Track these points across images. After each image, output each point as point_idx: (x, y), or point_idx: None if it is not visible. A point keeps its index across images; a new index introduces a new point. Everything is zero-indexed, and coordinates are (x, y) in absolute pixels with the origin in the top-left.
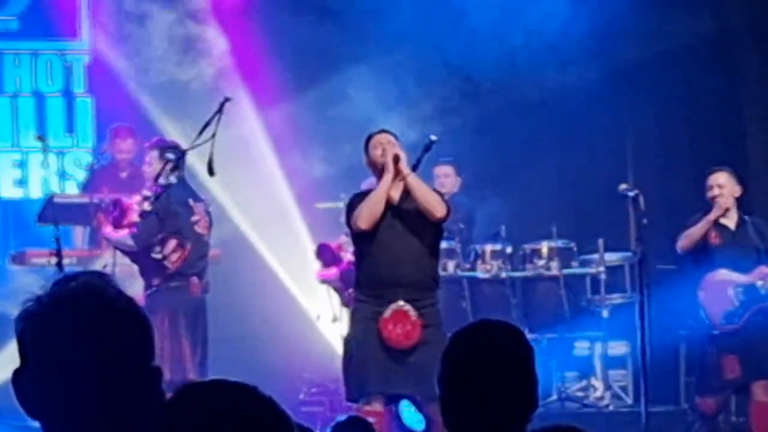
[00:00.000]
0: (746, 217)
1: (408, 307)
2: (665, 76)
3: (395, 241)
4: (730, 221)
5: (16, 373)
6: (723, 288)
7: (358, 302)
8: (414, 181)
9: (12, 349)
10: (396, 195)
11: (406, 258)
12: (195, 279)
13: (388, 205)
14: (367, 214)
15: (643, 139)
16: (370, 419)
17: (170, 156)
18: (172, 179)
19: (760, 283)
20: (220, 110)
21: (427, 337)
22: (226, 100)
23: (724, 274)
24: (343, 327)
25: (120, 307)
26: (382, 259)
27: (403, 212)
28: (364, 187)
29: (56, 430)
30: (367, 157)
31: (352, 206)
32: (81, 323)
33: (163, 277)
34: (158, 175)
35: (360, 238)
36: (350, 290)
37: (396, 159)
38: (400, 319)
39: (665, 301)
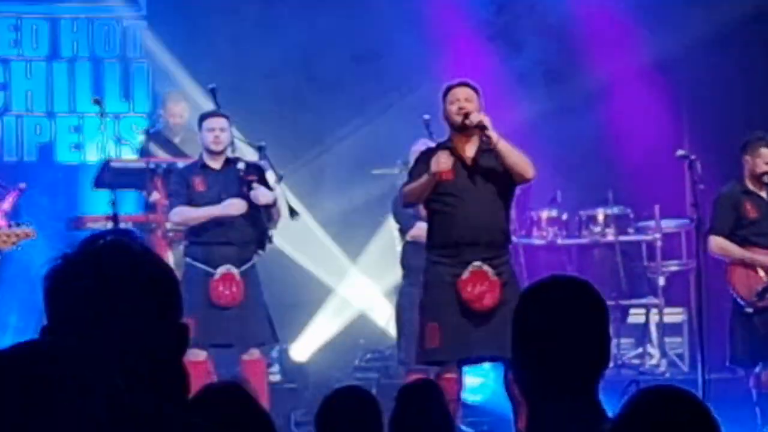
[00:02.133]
0: None
1: (486, 267)
2: (723, 42)
3: (472, 199)
4: (762, 190)
5: (43, 332)
6: (752, 268)
7: (432, 264)
8: (504, 146)
9: None
10: (471, 152)
11: (483, 216)
12: None
13: (465, 163)
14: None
15: (700, 105)
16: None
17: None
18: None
19: None
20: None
21: (506, 297)
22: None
23: (754, 252)
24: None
25: (146, 264)
26: (459, 218)
27: (480, 170)
28: (414, 149)
29: None
30: (443, 110)
31: (410, 173)
32: (106, 281)
33: None
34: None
35: (434, 198)
36: None
37: (482, 126)
38: (479, 279)
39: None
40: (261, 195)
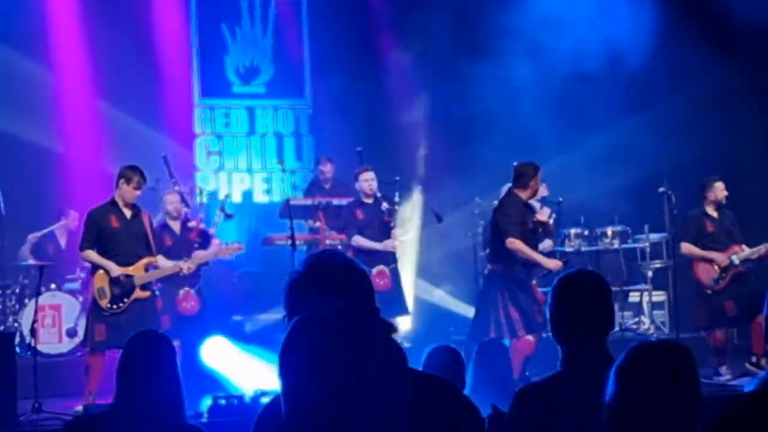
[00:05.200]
0: (725, 211)
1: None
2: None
3: None
4: (715, 213)
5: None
6: (710, 263)
7: (519, 271)
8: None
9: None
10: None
11: None
12: None
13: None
14: (516, 254)
15: (679, 148)
16: None
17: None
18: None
19: (734, 257)
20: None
21: None
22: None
23: (712, 254)
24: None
25: (355, 269)
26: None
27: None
28: (504, 189)
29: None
30: (534, 187)
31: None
32: (334, 280)
33: None
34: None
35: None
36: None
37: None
38: None
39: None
40: (396, 239)
